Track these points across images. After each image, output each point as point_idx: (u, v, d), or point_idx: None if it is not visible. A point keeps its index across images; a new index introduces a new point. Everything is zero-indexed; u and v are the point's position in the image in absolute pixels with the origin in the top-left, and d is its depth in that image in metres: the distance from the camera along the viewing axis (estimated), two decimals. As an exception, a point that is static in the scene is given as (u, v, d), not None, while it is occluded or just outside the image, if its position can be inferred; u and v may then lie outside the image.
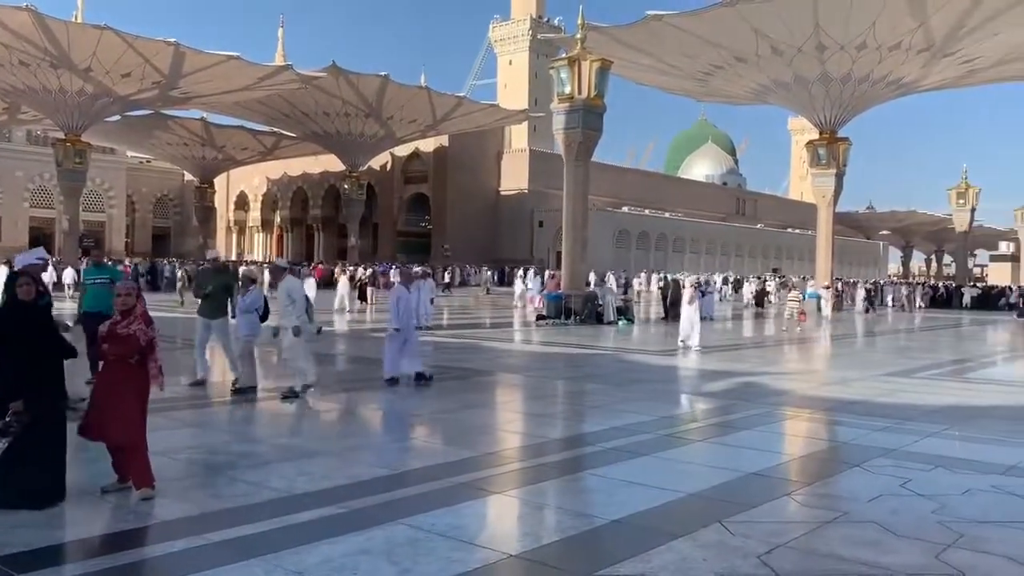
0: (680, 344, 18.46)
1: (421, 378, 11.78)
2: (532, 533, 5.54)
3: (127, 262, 49.71)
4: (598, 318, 26.05)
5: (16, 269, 8.33)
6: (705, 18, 39.66)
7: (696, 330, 18.55)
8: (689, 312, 18.76)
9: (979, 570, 4.77)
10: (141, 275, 43.44)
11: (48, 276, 30.83)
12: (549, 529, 5.62)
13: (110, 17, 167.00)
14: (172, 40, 43.37)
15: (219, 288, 11.34)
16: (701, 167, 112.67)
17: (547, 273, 41.33)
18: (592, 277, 32.96)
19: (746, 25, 38.97)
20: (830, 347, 22.56)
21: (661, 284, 39.10)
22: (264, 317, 11.28)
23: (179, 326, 19.88)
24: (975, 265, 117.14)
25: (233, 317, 11.30)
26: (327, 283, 43.42)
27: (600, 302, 26.91)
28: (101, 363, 6.21)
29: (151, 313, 6.26)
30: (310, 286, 28.08)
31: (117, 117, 56.02)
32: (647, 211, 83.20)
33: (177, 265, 45.32)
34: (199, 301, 11.59)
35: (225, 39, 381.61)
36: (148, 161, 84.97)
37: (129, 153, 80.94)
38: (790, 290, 29.28)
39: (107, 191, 78.48)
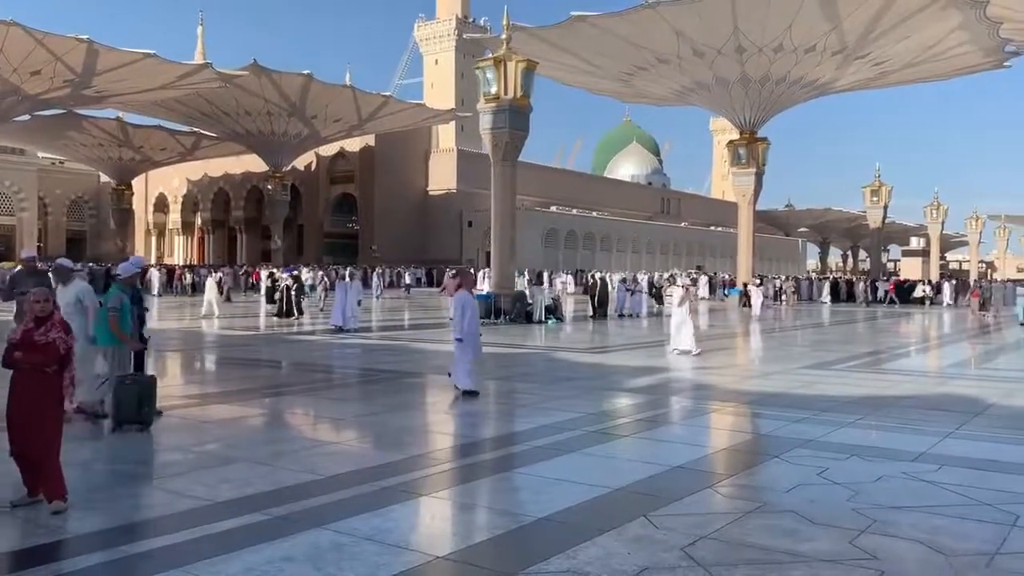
0: (695, 351, 16.63)
1: (470, 394, 11.02)
2: (460, 534, 5.53)
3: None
4: (527, 317, 26.19)
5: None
6: (627, 19, 40.29)
7: (686, 331, 16.91)
8: (680, 313, 17.13)
9: (890, 553, 4.96)
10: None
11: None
12: (477, 529, 5.63)
13: (19, 12, 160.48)
14: (84, 37, 41.94)
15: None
16: (627, 167, 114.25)
17: (448, 273, 41.23)
18: (530, 276, 32.45)
19: (667, 26, 39.74)
20: (747, 342, 23.13)
21: (589, 283, 39.48)
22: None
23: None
24: (888, 260, 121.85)
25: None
26: (253, 287, 43.77)
27: (530, 301, 27.05)
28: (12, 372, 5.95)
29: None
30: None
31: (27, 116, 53.94)
32: (575, 211, 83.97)
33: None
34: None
35: (142, 36, 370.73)
36: (61, 162, 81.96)
37: (40, 154, 77.98)
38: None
39: (16, 193, 75.41)
